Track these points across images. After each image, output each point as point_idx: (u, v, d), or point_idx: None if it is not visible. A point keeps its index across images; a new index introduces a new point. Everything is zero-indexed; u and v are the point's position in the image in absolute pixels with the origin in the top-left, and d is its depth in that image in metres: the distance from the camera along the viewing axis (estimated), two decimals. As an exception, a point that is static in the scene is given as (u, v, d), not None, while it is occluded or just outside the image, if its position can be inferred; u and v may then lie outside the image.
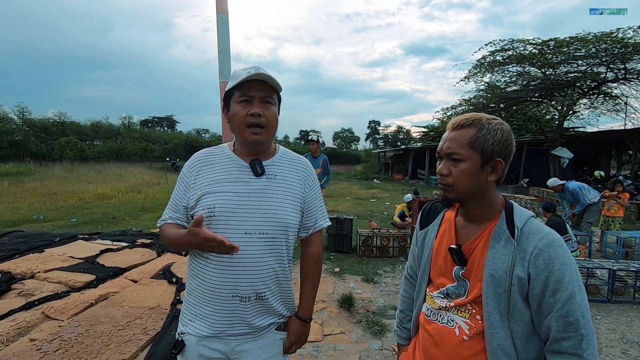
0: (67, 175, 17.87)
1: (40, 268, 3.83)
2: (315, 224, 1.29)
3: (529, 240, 0.90)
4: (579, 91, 15.36)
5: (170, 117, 66.39)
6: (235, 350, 1.17)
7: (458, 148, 0.95)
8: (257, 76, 1.10)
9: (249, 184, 1.16)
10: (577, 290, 0.85)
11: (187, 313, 1.21)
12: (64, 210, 9.11)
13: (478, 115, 0.96)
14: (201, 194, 1.14)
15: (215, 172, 1.17)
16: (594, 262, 4.33)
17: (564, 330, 0.84)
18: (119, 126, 42.18)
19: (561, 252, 0.87)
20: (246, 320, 1.15)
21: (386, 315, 3.47)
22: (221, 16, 4.58)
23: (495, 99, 17.13)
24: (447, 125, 1.02)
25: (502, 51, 15.58)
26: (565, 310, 0.84)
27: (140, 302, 3.06)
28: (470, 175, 0.94)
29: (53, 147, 29.59)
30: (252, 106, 1.11)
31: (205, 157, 1.22)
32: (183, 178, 1.21)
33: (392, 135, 67.59)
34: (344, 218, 5.79)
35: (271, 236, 1.15)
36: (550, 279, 0.85)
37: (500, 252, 0.92)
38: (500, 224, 0.95)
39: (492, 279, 0.91)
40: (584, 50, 13.65)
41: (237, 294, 1.13)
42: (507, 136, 0.95)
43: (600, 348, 3.04)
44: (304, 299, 1.31)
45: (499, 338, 0.90)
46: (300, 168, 1.27)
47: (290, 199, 1.20)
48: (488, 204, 0.99)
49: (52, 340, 2.37)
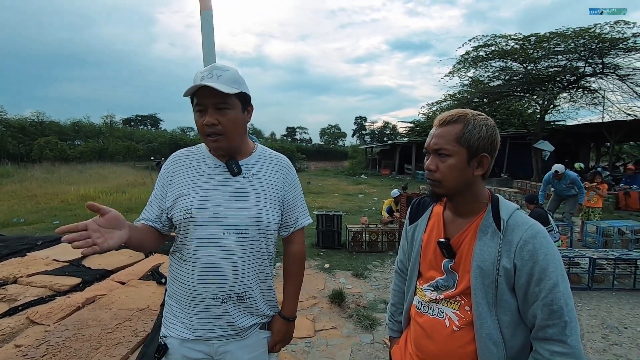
0: (48, 176, 17.37)
1: (23, 272, 3.73)
2: (297, 222, 1.29)
3: (515, 232, 0.93)
4: (559, 85, 15.79)
5: (154, 116, 65.23)
6: (218, 351, 1.17)
7: (445, 144, 0.97)
8: (203, 85, 1.04)
9: (226, 183, 1.15)
10: (561, 279, 0.88)
11: (169, 316, 1.21)
12: (45, 213, 8.87)
13: (464, 112, 0.99)
14: (177, 195, 1.14)
15: (192, 173, 1.16)
16: (575, 252, 4.48)
17: (549, 317, 0.87)
18: (101, 125, 41.19)
19: (545, 243, 0.90)
20: (228, 322, 1.15)
21: (376, 309, 3.52)
22: (205, 13, 4.49)
23: (479, 93, 17.46)
24: (433, 121, 1.05)
25: (485, 47, 15.86)
26: (549, 298, 0.87)
27: (129, 304, 3.02)
28: (458, 170, 0.97)
29: (32, 148, 28.65)
30: (206, 115, 1.08)
31: (183, 157, 1.21)
32: (161, 178, 1.20)
33: (379, 131, 68.08)
34: (333, 214, 5.82)
35: (249, 235, 1.14)
36: (535, 269, 0.88)
37: (487, 245, 0.95)
38: (487, 217, 0.98)
39: (479, 271, 0.94)
40: (563, 46, 14.03)
41: (218, 295, 1.12)
42: (492, 131, 0.98)
43: (582, 334, 3.16)
44: (287, 298, 1.31)
45: (487, 327, 0.93)
46: (279, 166, 1.26)
47: (268, 198, 1.19)
48: (475, 198, 1.01)
49: (38, 346, 2.32)
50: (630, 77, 14.24)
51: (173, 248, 1.21)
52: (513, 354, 0.94)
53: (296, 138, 74.56)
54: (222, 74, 1.07)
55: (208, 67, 1.09)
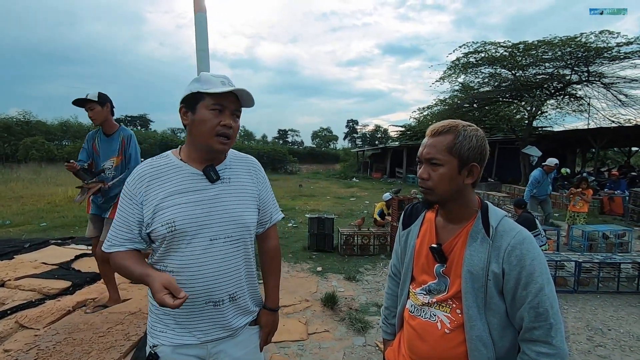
0: (35, 177, 16.99)
1: (10, 276, 3.67)
2: (271, 218, 1.34)
3: (503, 238, 0.98)
4: (546, 92, 16.17)
5: (144, 116, 64.26)
6: (212, 352, 1.19)
7: (437, 153, 1.01)
8: (239, 92, 1.13)
9: (205, 191, 1.14)
10: (546, 283, 0.93)
11: (157, 325, 1.18)
12: (32, 214, 8.68)
13: (455, 122, 1.03)
14: (155, 209, 1.10)
15: (167, 184, 1.13)
16: (562, 255, 4.59)
17: (535, 320, 0.92)
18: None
19: (532, 249, 0.95)
20: (222, 324, 1.17)
21: (369, 312, 3.55)
22: (199, 15, 4.50)
23: (469, 99, 17.78)
24: (424, 125, 1.10)
25: (475, 53, 16.18)
26: (536, 301, 0.92)
27: (121, 308, 3.00)
28: (449, 179, 1.01)
29: (17, 148, 28.03)
30: (223, 116, 1.12)
31: (151, 169, 1.15)
32: (130, 195, 1.13)
33: (370, 134, 68.39)
34: (325, 217, 5.85)
35: (235, 238, 1.17)
36: (522, 274, 0.93)
37: (477, 250, 0.99)
38: (477, 224, 1.03)
39: (470, 275, 0.99)
40: (550, 53, 14.40)
41: (211, 299, 1.14)
42: (482, 142, 1.03)
43: (567, 336, 3.24)
44: (270, 290, 1.36)
45: (477, 330, 0.98)
46: (251, 167, 1.30)
47: (247, 200, 1.22)
48: (465, 205, 1.06)
49: (28, 350, 2.30)
50: (614, 85, 14.68)
51: (152, 260, 1.18)
52: (502, 354, 0.99)
53: (288, 140, 74.44)
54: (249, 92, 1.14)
55: (223, 75, 1.15)
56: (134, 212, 1.12)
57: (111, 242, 1.14)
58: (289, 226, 7.80)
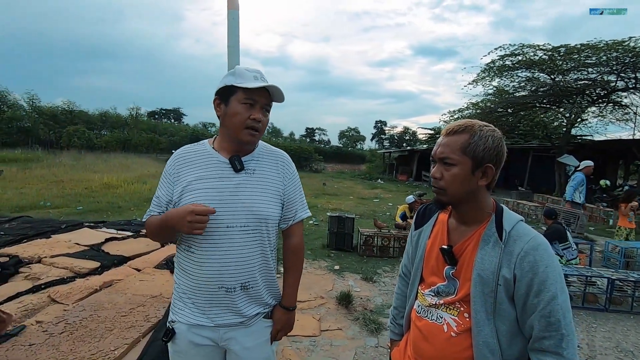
0: (75, 163, 18.07)
1: (46, 253, 3.91)
2: (295, 215, 1.34)
3: (516, 243, 0.94)
4: (587, 99, 15.25)
5: (178, 110, 66.59)
6: (224, 337, 1.23)
7: (450, 153, 0.99)
8: (271, 88, 1.17)
9: (229, 179, 1.20)
10: (560, 292, 0.89)
11: (177, 303, 1.27)
12: (70, 198, 9.24)
13: (471, 122, 1.01)
14: (183, 190, 1.19)
15: (196, 169, 1.21)
16: (593, 271, 4.34)
17: (546, 329, 0.88)
18: (126, 117, 42.40)
19: (546, 255, 0.92)
20: (234, 310, 1.21)
21: (383, 313, 3.52)
22: (232, 12, 4.61)
23: (503, 103, 17.08)
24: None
25: (511, 56, 15.52)
26: (547, 310, 0.88)
27: (143, 291, 3.13)
28: (462, 179, 0.99)
29: (61, 135, 29.88)
30: (254, 110, 1.17)
31: (186, 154, 1.26)
32: (166, 175, 1.25)
33: (398, 136, 67.30)
34: (345, 217, 5.84)
35: (252, 229, 1.20)
36: (535, 281, 0.90)
37: (489, 254, 0.96)
38: (490, 227, 1.00)
39: (479, 279, 0.96)
40: (594, 58, 13.57)
41: (223, 285, 1.18)
42: (498, 143, 0.99)
43: (594, 355, 3.06)
44: (288, 288, 1.36)
45: (484, 335, 0.95)
46: (279, 162, 1.31)
47: (269, 193, 1.24)
48: (479, 207, 1.03)
49: (57, 323, 2.45)
50: (665, 93, 13.65)
51: (179, 240, 1.26)
52: None
53: (315, 139, 74.70)
54: (280, 89, 1.19)
55: (257, 70, 1.19)
56: (167, 190, 1.23)
57: (148, 213, 1.27)
58: (310, 223, 7.85)
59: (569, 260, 4.51)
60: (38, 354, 2.10)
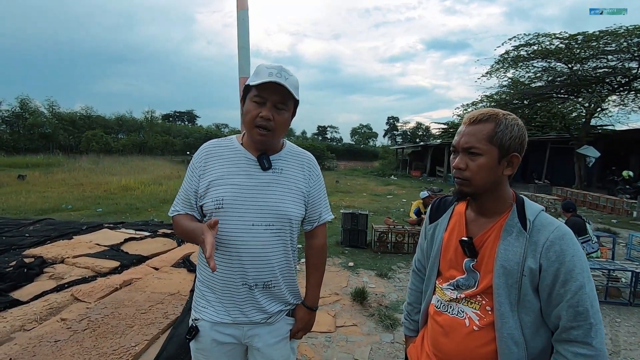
0: (94, 167, 18.56)
1: (69, 254, 4.04)
2: (320, 217, 1.33)
3: (541, 232, 0.92)
4: (608, 87, 14.73)
5: (191, 112, 67.66)
6: (247, 334, 1.23)
7: (476, 142, 0.96)
8: (273, 82, 1.09)
9: (256, 177, 1.19)
10: (587, 281, 0.87)
11: (200, 301, 1.26)
12: (90, 200, 9.50)
13: (494, 111, 0.99)
14: (210, 185, 1.18)
15: (224, 164, 1.20)
16: (616, 264, 4.20)
17: (574, 319, 0.86)
18: (141, 120, 43.25)
19: (572, 245, 0.89)
20: (258, 307, 1.21)
21: (398, 309, 3.49)
22: (241, 12, 4.62)
23: (519, 95, 16.65)
24: (462, 120, 1.05)
25: (526, 46, 15.11)
26: (575, 300, 0.86)
27: (162, 289, 3.20)
28: (488, 169, 0.96)
29: (80, 140, 30.67)
30: (263, 108, 1.12)
31: (214, 148, 1.24)
32: (193, 167, 1.23)
33: (411, 132, 66.65)
34: (359, 213, 5.82)
35: (276, 228, 1.19)
36: (561, 270, 0.88)
37: (512, 244, 0.94)
38: (512, 217, 0.97)
39: (503, 270, 0.94)
40: (614, 45, 13.07)
41: (246, 282, 1.18)
42: (523, 131, 0.98)
43: (618, 351, 2.97)
44: (310, 289, 1.36)
45: (509, 327, 0.93)
46: (305, 163, 1.30)
47: (294, 193, 1.23)
48: (500, 198, 1.01)
49: (80, 321, 2.52)
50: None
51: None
52: (535, 355, 0.94)
53: (327, 137, 74.65)
54: (289, 78, 1.13)
55: (276, 66, 1.14)
56: (193, 183, 1.22)
57: (174, 208, 1.26)
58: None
59: (589, 254, 4.38)
60: (63, 350, 2.17)
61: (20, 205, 8.31)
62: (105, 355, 2.13)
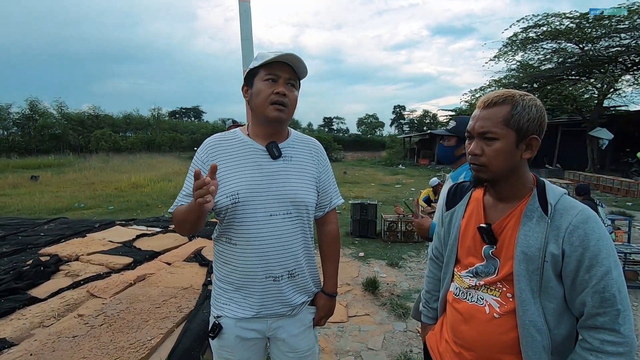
0: (103, 165, 18.81)
1: (83, 251, 4.10)
2: (331, 202, 1.33)
3: (563, 217, 0.88)
4: (621, 67, 14.32)
5: (197, 108, 67.90)
6: (272, 327, 1.23)
7: (492, 127, 0.92)
8: (285, 57, 1.11)
9: (268, 167, 1.17)
10: (614, 266, 0.83)
11: (220, 298, 1.23)
12: (101, 199, 9.63)
13: (510, 92, 0.94)
14: (218, 180, 1.10)
15: (232, 157, 1.17)
16: (633, 247, 4.12)
17: (600, 305, 0.83)
18: (149, 118, 43.52)
19: (597, 228, 0.85)
20: (282, 300, 1.19)
21: (410, 298, 3.48)
22: (243, 4, 4.58)
23: (528, 78, 16.30)
24: (476, 104, 1.00)
25: (535, 27, 14.74)
26: (601, 285, 0.82)
27: (174, 283, 3.23)
28: (506, 154, 0.93)
29: (89, 140, 31.08)
30: (277, 85, 1.12)
31: (218, 142, 1.21)
32: (198, 163, 1.19)
33: (418, 120, 65.86)
34: (368, 203, 5.79)
35: (295, 215, 1.18)
36: (586, 255, 0.84)
37: (533, 230, 0.91)
38: (532, 202, 0.94)
39: (524, 257, 0.91)
40: (627, 22, 12.68)
41: (270, 274, 1.16)
42: (541, 112, 0.93)
43: (636, 335, 2.91)
44: (328, 275, 1.35)
45: (530, 314, 0.90)
46: (313, 149, 1.29)
47: (307, 179, 1.22)
48: (520, 182, 0.97)
49: (97, 316, 2.56)
50: None
51: (217, 233, 1.24)
52: (558, 342, 0.91)
53: (333, 128, 74.27)
54: (299, 57, 1.13)
55: (278, 51, 1.14)
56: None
57: (174, 205, 1.19)
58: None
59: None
60: (81, 345, 2.21)
61: (34, 206, 8.47)
62: (122, 349, 2.16)
